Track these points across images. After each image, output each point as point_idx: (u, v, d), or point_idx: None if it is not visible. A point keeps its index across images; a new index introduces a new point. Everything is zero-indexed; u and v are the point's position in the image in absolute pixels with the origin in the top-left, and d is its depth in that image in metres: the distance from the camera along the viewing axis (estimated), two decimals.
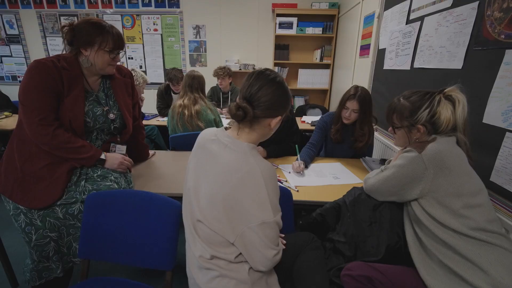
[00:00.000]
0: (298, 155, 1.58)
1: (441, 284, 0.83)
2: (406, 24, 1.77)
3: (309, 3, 3.73)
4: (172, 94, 2.96)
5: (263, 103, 0.77)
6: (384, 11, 2.13)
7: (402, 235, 1.02)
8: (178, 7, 3.93)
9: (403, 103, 0.99)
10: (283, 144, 1.76)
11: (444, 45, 1.38)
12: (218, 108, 3.00)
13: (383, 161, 1.69)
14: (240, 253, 0.75)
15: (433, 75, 1.48)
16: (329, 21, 3.67)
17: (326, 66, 3.88)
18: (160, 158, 1.73)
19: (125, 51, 1.25)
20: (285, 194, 1.13)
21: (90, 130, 1.20)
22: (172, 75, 2.73)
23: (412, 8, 1.72)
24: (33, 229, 1.05)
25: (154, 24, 4.02)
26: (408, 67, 1.73)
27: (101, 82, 1.27)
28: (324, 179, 1.45)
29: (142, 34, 4.07)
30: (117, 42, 1.17)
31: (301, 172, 1.49)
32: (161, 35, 4.06)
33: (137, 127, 1.50)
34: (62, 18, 4.05)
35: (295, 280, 0.94)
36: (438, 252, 0.87)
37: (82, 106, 1.15)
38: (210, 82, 3.11)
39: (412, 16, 1.72)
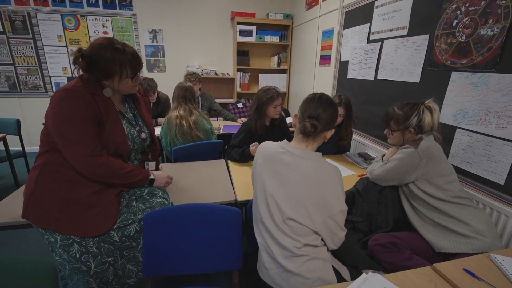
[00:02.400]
0: None
1: (438, 238, 1.20)
2: (367, 43, 2.21)
3: (265, 13, 4.02)
4: None
5: (325, 120, 0.99)
6: (344, 29, 2.56)
7: (401, 209, 1.39)
8: (130, 9, 3.72)
9: (398, 112, 1.34)
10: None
11: (404, 63, 1.83)
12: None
13: (360, 155, 2.10)
14: (322, 238, 0.96)
15: (396, 86, 1.92)
16: (284, 30, 4.04)
17: (283, 71, 4.26)
18: (170, 171, 1.74)
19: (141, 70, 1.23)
20: None
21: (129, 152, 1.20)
22: (147, 85, 2.65)
23: (372, 31, 2.15)
24: (91, 257, 1.03)
25: (103, 26, 3.70)
26: (372, 78, 2.17)
27: (125, 103, 1.27)
28: None
29: (89, 37, 3.70)
30: (136, 66, 1.12)
31: None
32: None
33: None
34: None
35: (341, 255, 1.19)
36: (432, 216, 1.24)
37: (123, 130, 1.16)
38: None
39: (372, 37, 2.16)
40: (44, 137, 1.07)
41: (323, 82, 3.09)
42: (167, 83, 3.64)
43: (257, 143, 1.81)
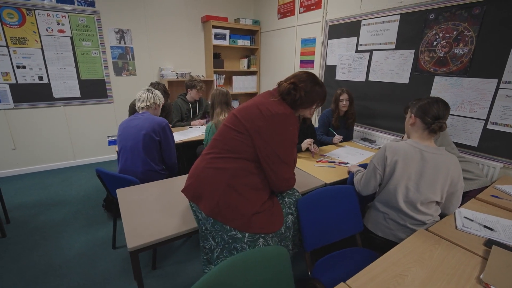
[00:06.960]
0: (336, 133, 2.35)
1: None
2: (356, 52, 2.81)
3: (233, 18, 4.23)
4: None
5: (447, 118, 1.34)
6: (328, 39, 3.11)
7: None
8: (92, 5, 3.29)
9: None
10: (316, 140, 2.40)
11: (393, 69, 2.49)
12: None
13: (364, 140, 2.71)
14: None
15: (387, 86, 2.58)
16: (252, 34, 4.36)
17: (253, 73, 4.58)
18: None
19: None
20: None
21: None
22: (162, 91, 2.55)
23: (360, 43, 2.76)
24: None
25: (59, 23, 3.16)
26: (363, 80, 2.78)
27: None
28: (357, 157, 2.24)
29: (40, 35, 3.09)
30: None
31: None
32: (71, 38, 3.25)
33: None
34: None
35: None
36: None
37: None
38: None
39: (360, 48, 2.76)
40: (239, 144, 1.15)
41: None
42: (138, 87, 3.42)
43: (310, 140, 2.16)
